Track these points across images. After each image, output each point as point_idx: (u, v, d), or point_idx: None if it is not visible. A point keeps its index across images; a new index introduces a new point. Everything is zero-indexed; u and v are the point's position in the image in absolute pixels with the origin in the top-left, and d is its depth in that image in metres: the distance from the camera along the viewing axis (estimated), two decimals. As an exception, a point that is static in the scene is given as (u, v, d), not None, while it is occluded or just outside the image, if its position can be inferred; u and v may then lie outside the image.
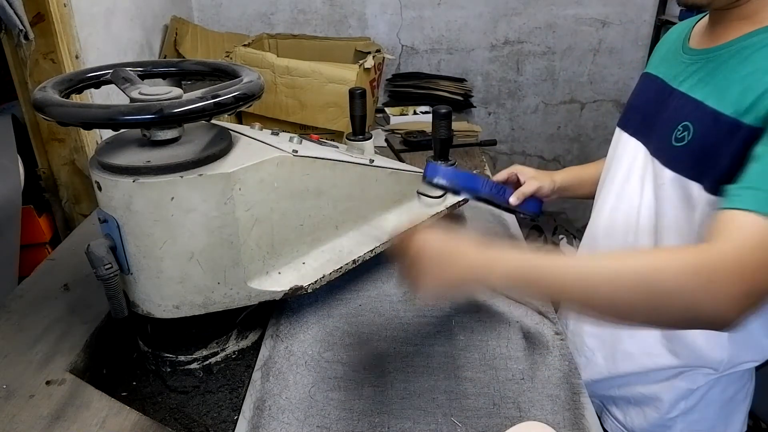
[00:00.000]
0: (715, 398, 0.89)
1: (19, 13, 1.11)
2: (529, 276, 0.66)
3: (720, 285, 0.58)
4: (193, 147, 0.81)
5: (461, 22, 2.31)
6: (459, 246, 0.69)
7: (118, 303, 0.80)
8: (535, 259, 0.66)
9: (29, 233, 1.26)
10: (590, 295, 0.63)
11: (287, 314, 0.99)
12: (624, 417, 0.96)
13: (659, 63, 0.91)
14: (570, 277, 0.64)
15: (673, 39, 0.90)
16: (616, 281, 0.61)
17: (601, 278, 0.62)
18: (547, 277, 0.65)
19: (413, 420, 0.78)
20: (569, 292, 0.65)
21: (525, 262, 0.66)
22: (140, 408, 0.80)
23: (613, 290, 0.61)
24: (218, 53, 1.97)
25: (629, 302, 0.61)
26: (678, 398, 0.89)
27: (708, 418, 0.90)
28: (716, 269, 0.59)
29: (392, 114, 2.04)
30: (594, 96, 2.41)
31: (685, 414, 0.89)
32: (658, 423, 0.91)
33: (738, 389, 0.90)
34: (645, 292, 0.60)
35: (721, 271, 0.58)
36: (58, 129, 1.29)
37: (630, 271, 0.61)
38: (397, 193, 1.11)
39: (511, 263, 0.66)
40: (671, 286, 0.59)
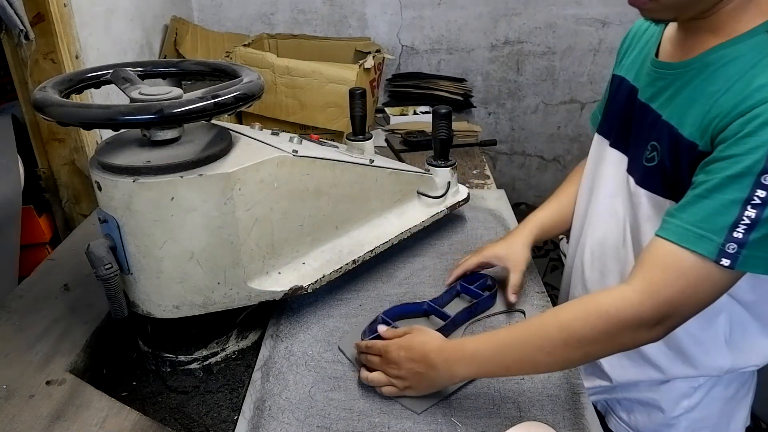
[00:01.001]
0: (718, 396, 0.89)
1: (20, 13, 1.11)
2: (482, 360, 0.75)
3: (641, 326, 0.67)
4: (193, 147, 0.81)
5: (461, 22, 2.31)
6: (427, 358, 0.77)
7: (118, 303, 0.80)
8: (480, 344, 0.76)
9: (29, 233, 1.26)
10: (531, 359, 0.73)
11: (287, 314, 0.99)
12: (629, 417, 0.96)
13: (630, 66, 0.89)
14: (512, 348, 0.74)
15: (644, 41, 0.87)
16: (549, 340, 0.71)
17: (536, 340, 0.72)
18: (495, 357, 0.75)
19: (413, 420, 0.78)
20: (512, 364, 0.75)
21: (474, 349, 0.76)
22: (140, 408, 0.80)
23: (547, 348, 0.71)
24: (218, 53, 1.97)
25: (565, 356, 0.71)
26: (680, 397, 0.89)
27: (711, 416, 0.90)
28: (635, 315, 0.67)
29: (392, 114, 2.04)
30: (594, 96, 2.41)
31: (689, 412, 0.90)
32: (662, 422, 0.92)
33: (740, 386, 0.90)
34: (576, 346, 0.70)
35: (640, 317, 0.67)
36: (58, 129, 1.29)
37: (558, 331, 0.71)
38: (397, 193, 1.11)
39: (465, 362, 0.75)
40: (595, 336, 0.68)
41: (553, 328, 0.71)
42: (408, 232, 1.09)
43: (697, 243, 0.65)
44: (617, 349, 0.71)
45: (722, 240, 0.63)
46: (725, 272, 0.64)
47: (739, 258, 0.63)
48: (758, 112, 0.62)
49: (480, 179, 1.57)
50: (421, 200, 1.16)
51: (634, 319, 0.67)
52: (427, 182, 1.16)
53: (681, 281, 0.66)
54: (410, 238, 1.11)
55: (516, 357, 0.74)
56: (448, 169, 1.18)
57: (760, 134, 0.61)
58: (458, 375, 0.77)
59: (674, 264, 0.66)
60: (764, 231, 0.62)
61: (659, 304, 0.66)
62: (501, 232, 1.24)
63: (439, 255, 1.16)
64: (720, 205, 0.64)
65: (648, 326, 0.67)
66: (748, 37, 0.68)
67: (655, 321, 0.67)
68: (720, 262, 0.63)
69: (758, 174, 0.61)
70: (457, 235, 1.23)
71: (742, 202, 0.62)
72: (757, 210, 0.61)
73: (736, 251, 0.63)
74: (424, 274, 1.10)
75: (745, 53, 0.67)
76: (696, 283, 0.66)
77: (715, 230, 0.64)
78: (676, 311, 0.67)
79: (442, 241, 1.21)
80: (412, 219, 1.11)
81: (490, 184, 1.54)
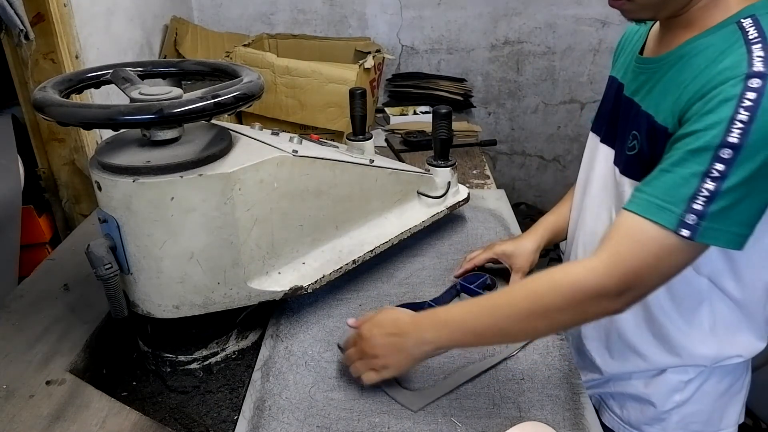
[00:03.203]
0: (710, 390, 0.89)
1: (20, 13, 1.11)
2: (452, 326, 0.76)
3: (604, 295, 0.69)
4: (193, 147, 0.81)
5: (461, 22, 2.31)
6: (398, 326, 0.79)
7: (118, 303, 0.80)
8: (451, 310, 0.79)
9: (29, 233, 1.26)
10: (500, 327, 0.74)
11: (287, 314, 0.99)
12: (621, 411, 0.97)
13: (620, 66, 0.92)
14: (482, 315, 0.76)
15: (633, 41, 0.91)
16: (518, 308, 0.73)
17: (505, 308, 0.74)
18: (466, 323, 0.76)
19: (413, 420, 0.78)
20: (482, 331, 0.76)
21: (445, 316, 0.78)
22: (140, 408, 0.80)
23: (516, 316, 0.73)
24: (218, 53, 1.97)
25: (533, 325, 0.73)
26: (671, 391, 0.90)
27: (703, 410, 0.91)
28: (599, 285, 0.68)
29: (392, 114, 2.04)
30: (594, 96, 2.41)
31: (680, 406, 0.90)
32: (654, 416, 0.92)
33: (733, 381, 0.90)
34: (543, 315, 0.72)
35: (603, 286, 0.68)
36: (58, 129, 1.29)
37: (525, 299, 0.73)
38: (397, 193, 1.11)
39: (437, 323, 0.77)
40: (561, 305, 0.71)
41: (521, 297, 0.74)
42: (408, 232, 1.09)
43: (658, 214, 0.67)
44: (583, 319, 0.74)
45: (682, 211, 0.65)
46: (686, 243, 0.66)
47: (698, 229, 0.65)
48: (718, 91, 0.65)
49: (480, 179, 1.57)
50: (421, 200, 1.16)
51: (598, 288, 0.69)
52: (427, 182, 1.16)
53: (643, 251, 0.68)
54: (410, 238, 1.11)
55: (486, 324, 0.75)
56: (448, 169, 1.18)
57: (719, 111, 0.64)
58: (428, 340, 0.77)
59: (637, 235, 0.68)
60: (723, 204, 0.64)
61: (622, 273, 0.68)
62: (501, 232, 1.24)
63: (439, 255, 1.16)
64: (681, 178, 0.66)
65: (612, 296, 0.69)
66: (718, 29, 0.71)
67: (619, 291, 0.69)
68: (680, 233, 0.65)
69: (716, 148, 0.63)
70: (457, 235, 1.23)
71: (702, 175, 0.64)
72: (716, 183, 0.64)
73: (695, 222, 0.65)
74: (424, 274, 1.10)
75: (714, 43, 0.70)
76: (657, 253, 0.67)
77: (676, 202, 0.66)
78: (640, 281, 0.69)
79: (442, 241, 1.21)
80: (412, 219, 1.11)
81: (490, 184, 1.54)
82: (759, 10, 0.69)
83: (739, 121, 0.62)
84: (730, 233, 0.65)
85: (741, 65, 0.65)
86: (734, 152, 0.63)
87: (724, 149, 0.63)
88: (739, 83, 0.64)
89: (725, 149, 0.63)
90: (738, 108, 0.63)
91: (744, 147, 0.62)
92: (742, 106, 0.63)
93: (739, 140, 0.62)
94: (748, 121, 0.62)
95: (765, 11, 0.69)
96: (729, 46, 0.67)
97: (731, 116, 0.63)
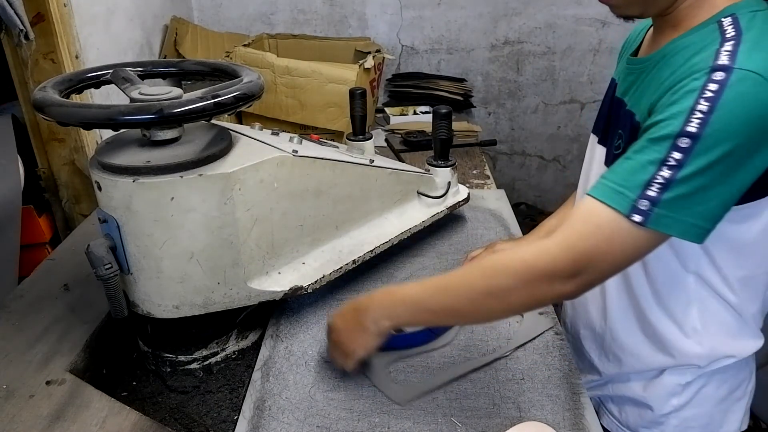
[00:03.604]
0: (709, 395, 0.89)
1: (20, 13, 1.11)
2: (408, 304, 0.77)
3: (556, 277, 0.68)
4: (193, 147, 0.81)
5: (461, 22, 2.31)
6: (356, 308, 0.81)
7: (118, 303, 0.80)
8: (407, 289, 0.79)
9: (29, 233, 1.26)
10: (455, 306, 0.74)
11: (287, 314, 0.99)
12: (620, 414, 0.97)
13: (619, 68, 0.93)
14: (437, 293, 0.76)
15: (633, 43, 0.91)
16: (471, 287, 0.73)
17: (459, 287, 0.74)
18: (421, 301, 0.76)
19: (413, 420, 0.78)
20: (438, 310, 0.76)
21: (402, 294, 0.78)
22: (140, 408, 0.80)
23: (469, 295, 0.73)
24: (218, 53, 1.97)
25: (486, 305, 0.73)
26: (669, 395, 0.90)
27: (703, 415, 0.90)
28: (551, 265, 0.68)
29: (392, 114, 2.04)
30: (594, 96, 2.41)
31: (678, 411, 0.90)
32: (652, 420, 0.92)
33: (734, 387, 0.90)
34: (497, 295, 0.72)
35: (555, 267, 0.68)
36: (58, 129, 1.29)
37: (478, 278, 0.73)
38: (397, 193, 1.11)
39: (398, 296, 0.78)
40: (513, 285, 0.70)
41: (475, 276, 0.74)
42: (408, 232, 1.09)
43: (612, 198, 0.67)
44: (536, 301, 0.73)
45: (636, 196, 0.65)
46: (639, 230, 0.66)
47: (650, 215, 0.65)
48: (684, 83, 0.66)
49: (480, 179, 1.57)
50: (421, 200, 1.16)
51: (550, 269, 0.69)
52: (427, 182, 1.16)
53: (595, 234, 0.68)
54: (410, 238, 1.11)
55: (440, 303, 0.75)
56: (448, 169, 1.18)
57: (682, 101, 0.65)
58: (385, 316, 0.78)
59: (591, 218, 0.68)
60: (678, 192, 0.64)
61: (574, 255, 0.68)
62: (501, 232, 1.24)
63: (439, 255, 1.16)
64: (638, 165, 0.66)
65: (564, 278, 0.69)
66: (699, 28, 0.72)
67: (571, 273, 0.68)
68: (631, 218, 0.65)
69: (675, 136, 0.64)
70: (457, 235, 1.23)
71: (659, 163, 0.64)
72: (672, 171, 0.64)
73: (648, 208, 0.65)
74: (424, 274, 1.10)
75: (694, 42, 0.71)
76: (609, 237, 0.67)
77: (631, 187, 0.66)
78: (591, 265, 0.68)
79: (442, 241, 1.21)
80: (412, 219, 1.11)
81: (490, 184, 1.54)
82: (741, 9, 0.70)
83: (699, 111, 0.63)
84: (686, 223, 0.65)
85: (708, 59, 0.65)
86: (692, 141, 0.63)
87: (682, 138, 0.63)
88: (704, 75, 0.64)
89: (683, 138, 0.63)
90: (699, 98, 0.63)
91: (702, 137, 0.62)
92: (703, 97, 0.63)
93: (697, 130, 0.62)
94: (707, 111, 0.62)
95: (747, 10, 0.69)
96: (706, 45, 0.68)
97: (692, 106, 0.63)
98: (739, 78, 0.62)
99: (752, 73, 0.62)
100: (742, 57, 0.64)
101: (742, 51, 0.64)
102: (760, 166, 0.66)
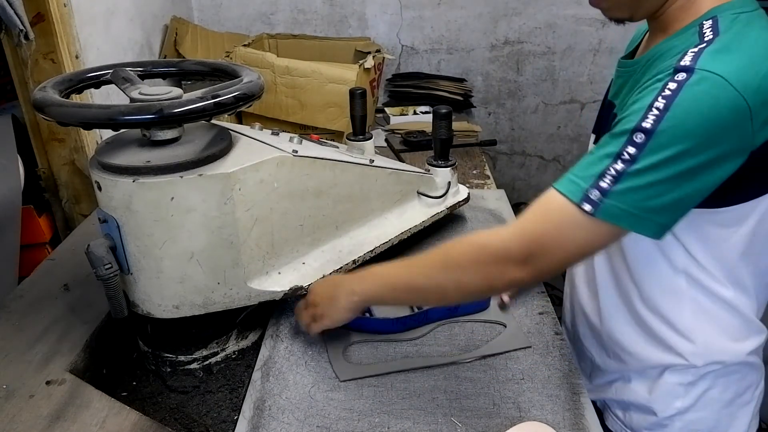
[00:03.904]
0: (715, 398, 0.88)
1: (19, 13, 1.11)
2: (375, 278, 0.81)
3: (509, 260, 0.71)
4: (193, 147, 0.81)
5: (461, 22, 2.31)
6: (335, 279, 0.87)
7: (118, 303, 0.80)
8: (382, 266, 0.83)
9: (29, 233, 1.26)
10: (413, 281, 0.79)
11: (287, 314, 0.99)
12: (624, 416, 0.96)
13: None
14: (400, 269, 0.80)
15: (632, 44, 0.92)
16: (429, 264, 0.78)
17: (419, 264, 0.79)
18: (386, 276, 0.81)
19: (413, 420, 0.78)
20: (398, 284, 0.80)
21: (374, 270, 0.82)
22: (140, 408, 0.80)
23: (426, 273, 0.77)
24: (218, 53, 1.97)
25: (439, 281, 0.76)
26: (672, 397, 0.89)
27: (707, 419, 0.90)
28: (503, 248, 0.71)
29: (392, 114, 2.04)
30: (594, 96, 2.41)
31: (683, 413, 0.89)
32: (655, 422, 0.92)
33: (741, 391, 0.89)
34: (451, 270, 0.75)
35: (507, 249, 0.71)
36: (58, 129, 1.29)
37: (436, 256, 0.78)
38: (397, 193, 1.11)
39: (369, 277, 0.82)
40: (466, 263, 0.74)
41: (434, 254, 0.78)
42: (408, 232, 1.09)
43: (566, 186, 0.69)
44: (488, 283, 0.75)
45: (588, 186, 0.67)
46: (589, 220, 0.67)
47: (600, 206, 0.66)
48: (650, 82, 0.67)
49: (480, 179, 1.57)
50: (421, 200, 1.16)
51: (501, 250, 0.72)
52: (428, 182, 1.16)
53: (546, 220, 0.70)
54: (410, 238, 1.11)
55: (401, 279, 0.80)
56: (448, 169, 1.18)
57: (643, 99, 0.66)
58: (355, 291, 0.82)
59: (545, 206, 0.71)
60: (628, 185, 0.65)
61: (525, 239, 0.71)
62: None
63: (439, 255, 1.16)
64: (596, 157, 0.68)
65: (515, 262, 0.71)
66: (683, 32, 0.72)
67: (522, 257, 0.70)
68: (582, 207, 0.67)
69: (631, 131, 0.65)
70: (457, 235, 1.23)
71: (614, 156, 0.66)
72: (624, 164, 0.65)
73: (598, 198, 0.66)
74: (424, 274, 1.10)
75: (676, 45, 0.71)
76: (560, 224, 0.69)
77: (585, 177, 0.68)
78: (542, 250, 0.70)
79: (442, 241, 1.21)
80: (412, 219, 1.11)
81: (490, 184, 1.54)
82: (724, 12, 0.70)
83: (656, 108, 0.64)
84: (636, 216, 0.66)
85: (674, 60, 0.67)
86: (646, 137, 0.64)
87: (637, 133, 0.65)
88: (667, 76, 0.65)
89: (638, 133, 0.65)
90: (658, 96, 0.64)
91: (655, 133, 0.63)
92: (662, 95, 0.64)
93: (651, 126, 0.63)
94: (663, 108, 0.63)
95: (730, 12, 0.69)
96: (684, 48, 0.68)
97: (650, 103, 0.65)
98: (699, 78, 0.63)
99: (713, 74, 0.63)
100: (705, 58, 0.64)
101: (707, 52, 0.65)
102: (719, 172, 0.66)
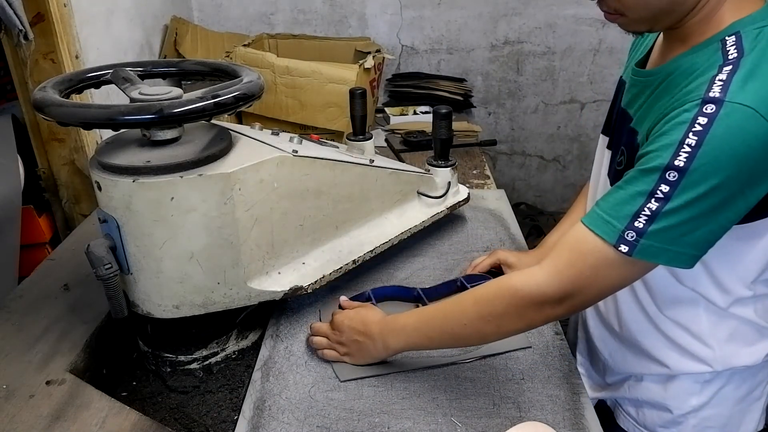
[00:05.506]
0: (729, 395, 0.88)
1: (19, 13, 1.11)
2: (409, 331, 0.82)
3: (546, 302, 0.72)
4: (193, 147, 0.81)
5: (461, 22, 2.31)
6: (366, 326, 0.86)
7: (118, 303, 0.80)
8: (409, 317, 0.84)
9: (29, 233, 1.26)
10: (450, 331, 0.79)
11: (287, 314, 0.99)
12: (637, 414, 0.96)
13: (627, 70, 0.91)
14: (433, 320, 0.81)
15: (644, 46, 0.89)
16: (465, 314, 0.77)
17: (454, 314, 0.79)
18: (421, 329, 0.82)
19: (413, 420, 0.78)
20: (434, 335, 0.81)
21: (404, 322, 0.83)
22: (140, 408, 0.80)
23: (464, 322, 0.77)
24: (218, 53, 1.97)
25: (479, 328, 0.77)
26: (688, 394, 0.89)
27: (721, 415, 0.90)
28: (540, 292, 0.72)
29: (392, 114, 2.04)
30: (594, 96, 2.41)
31: (698, 411, 0.89)
32: (670, 420, 0.91)
33: (753, 387, 0.89)
34: (489, 320, 0.75)
35: (544, 294, 0.71)
36: (58, 129, 1.29)
37: (472, 306, 0.77)
38: (397, 193, 1.11)
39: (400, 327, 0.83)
40: (505, 311, 0.74)
41: (469, 303, 0.78)
42: (408, 232, 1.09)
43: (601, 227, 0.68)
44: (526, 324, 0.76)
45: (623, 227, 0.66)
46: (625, 260, 0.67)
47: (636, 246, 0.66)
48: (677, 113, 0.66)
49: (480, 179, 1.57)
50: (421, 200, 1.16)
51: (539, 295, 0.72)
52: (428, 182, 1.16)
53: (582, 262, 0.70)
54: (410, 238, 1.11)
55: (437, 328, 0.81)
56: (448, 169, 1.18)
57: (672, 133, 0.65)
58: (390, 346, 0.84)
59: (579, 246, 0.70)
60: (663, 224, 0.65)
61: (561, 282, 0.70)
62: (501, 232, 1.24)
63: (439, 255, 1.16)
64: (628, 195, 0.67)
65: (552, 303, 0.72)
66: (704, 46, 0.70)
67: (559, 298, 0.71)
68: (618, 248, 0.66)
69: (663, 169, 0.64)
70: (457, 235, 1.23)
71: (647, 195, 0.65)
72: (659, 203, 0.65)
73: (634, 239, 0.66)
74: (424, 274, 1.10)
75: (697, 62, 0.70)
76: (596, 265, 0.69)
77: (619, 217, 0.67)
78: (578, 291, 0.71)
79: (442, 241, 1.21)
80: (412, 219, 1.11)
81: (490, 184, 1.54)
82: (746, 26, 0.67)
83: (687, 145, 0.63)
84: (672, 252, 0.66)
85: (702, 88, 0.65)
86: (679, 175, 0.63)
87: (670, 171, 0.64)
88: (695, 107, 0.64)
89: (671, 171, 0.64)
90: (688, 132, 0.63)
91: (689, 171, 0.63)
92: (692, 131, 0.63)
93: (684, 164, 0.63)
94: (695, 145, 0.62)
95: (753, 27, 0.67)
96: (707, 67, 0.67)
97: (681, 139, 0.63)
98: (728, 112, 0.62)
99: (742, 106, 0.62)
100: (734, 88, 0.63)
101: (735, 81, 0.63)
102: (751, 199, 0.66)
